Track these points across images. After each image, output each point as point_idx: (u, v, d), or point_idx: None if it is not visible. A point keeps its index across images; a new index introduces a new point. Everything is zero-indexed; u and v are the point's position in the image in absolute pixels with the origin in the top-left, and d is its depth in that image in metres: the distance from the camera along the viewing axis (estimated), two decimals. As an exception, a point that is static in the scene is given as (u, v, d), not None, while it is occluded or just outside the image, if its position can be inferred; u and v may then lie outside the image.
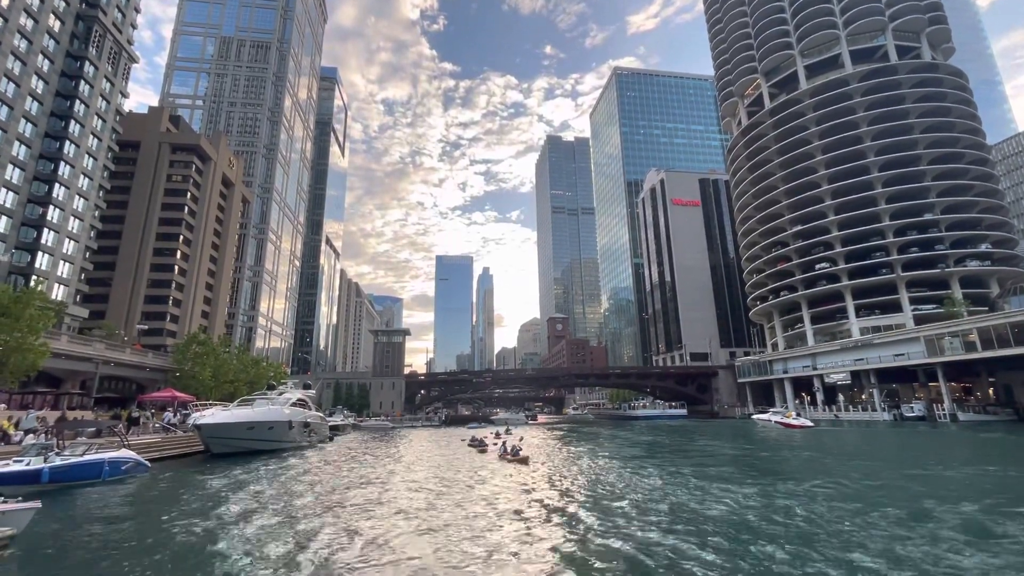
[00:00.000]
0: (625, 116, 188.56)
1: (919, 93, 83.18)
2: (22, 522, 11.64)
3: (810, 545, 10.22)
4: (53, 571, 9.46)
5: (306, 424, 40.91)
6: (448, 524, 12.86)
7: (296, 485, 20.22)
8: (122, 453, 22.56)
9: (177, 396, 44.28)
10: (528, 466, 25.61)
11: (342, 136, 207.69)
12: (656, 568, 9.01)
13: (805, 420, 54.42)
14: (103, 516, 14.79)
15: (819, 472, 21.42)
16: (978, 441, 35.90)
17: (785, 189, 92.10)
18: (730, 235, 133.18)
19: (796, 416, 55.31)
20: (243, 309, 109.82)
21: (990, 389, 63.77)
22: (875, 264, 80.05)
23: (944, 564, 8.91)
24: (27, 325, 34.34)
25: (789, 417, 54.98)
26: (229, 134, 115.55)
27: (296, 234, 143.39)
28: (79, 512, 15.35)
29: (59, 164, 60.48)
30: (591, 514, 13.71)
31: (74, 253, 63.46)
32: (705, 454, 30.87)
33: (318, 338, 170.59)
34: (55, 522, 13.43)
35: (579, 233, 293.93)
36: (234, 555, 10.15)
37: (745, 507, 14.07)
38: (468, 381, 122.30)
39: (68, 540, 11.84)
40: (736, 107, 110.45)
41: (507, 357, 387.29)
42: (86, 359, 48.13)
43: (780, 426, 53.48)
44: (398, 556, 10.03)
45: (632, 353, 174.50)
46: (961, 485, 17.87)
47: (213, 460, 29.45)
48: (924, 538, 10.54)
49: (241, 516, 14.05)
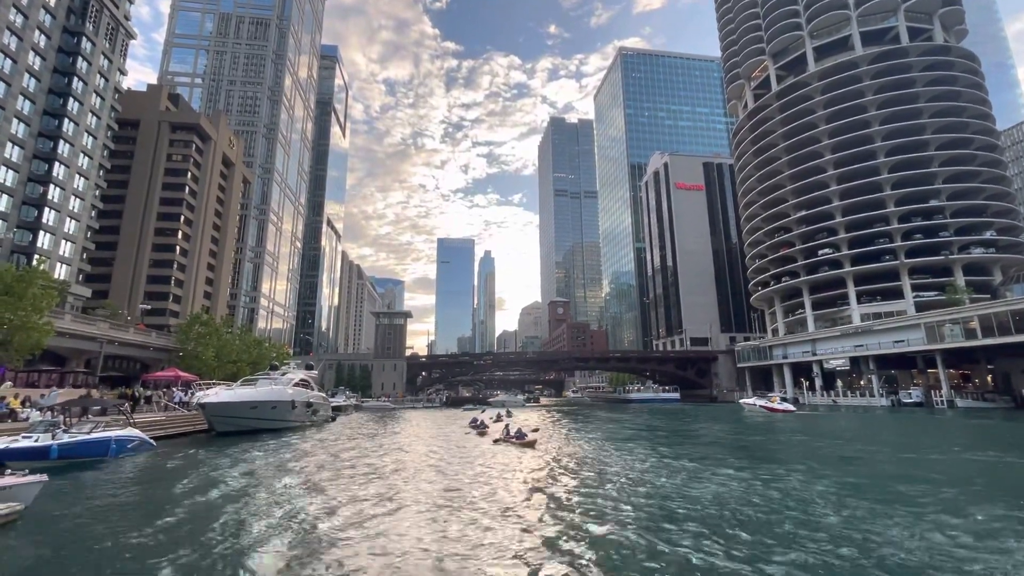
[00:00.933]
0: (630, 98, 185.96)
1: (930, 76, 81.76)
2: (30, 496, 11.88)
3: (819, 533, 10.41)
4: (62, 543, 9.69)
5: (309, 404, 41.37)
6: (447, 505, 13.08)
7: (299, 463, 20.55)
8: (128, 431, 22.91)
9: (181, 376, 44.74)
10: (535, 450, 24.72)
11: (343, 116, 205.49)
12: (674, 561, 9.19)
13: (788, 405, 56.12)
14: (110, 491, 15.08)
15: (807, 455, 21.80)
16: (969, 427, 36.27)
17: (790, 174, 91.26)
18: (733, 220, 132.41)
19: (780, 401, 57.03)
20: (245, 290, 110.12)
21: (988, 377, 64.04)
22: (878, 250, 79.70)
23: (910, 547, 9.07)
24: (31, 304, 34.50)
25: (774, 402, 56.66)
26: (229, 113, 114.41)
27: (297, 215, 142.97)
28: (86, 487, 15.65)
29: (58, 142, 60.07)
30: (596, 498, 13.92)
31: (76, 232, 63.43)
32: (697, 437, 31.28)
33: (320, 320, 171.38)
34: (63, 496, 13.71)
35: (581, 217, 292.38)
36: (239, 529, 10.37)
37: (731, 490, 14.29)
38: (469, 364, 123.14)
39: (76, 514, 12.09)
40: (743, 90, 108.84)
41: (508, 340, 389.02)
42: (90, 338, 48.49)
43: (765, 410, 54.88)
44: (400, 535, 10.24)
45: (632, 337, 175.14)
46: (943, 468, 18.11)
47: (217, 438, 29.89)
48: (894, 521, 10.72)
49: (244, 492, 14.31)
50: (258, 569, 8.04)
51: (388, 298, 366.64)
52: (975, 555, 8.53)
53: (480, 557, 8.66)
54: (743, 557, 8.50)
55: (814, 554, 8.56)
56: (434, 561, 8.45)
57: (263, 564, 8.28)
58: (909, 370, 70.35)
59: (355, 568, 8.16)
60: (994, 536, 9.57)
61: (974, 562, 8.20)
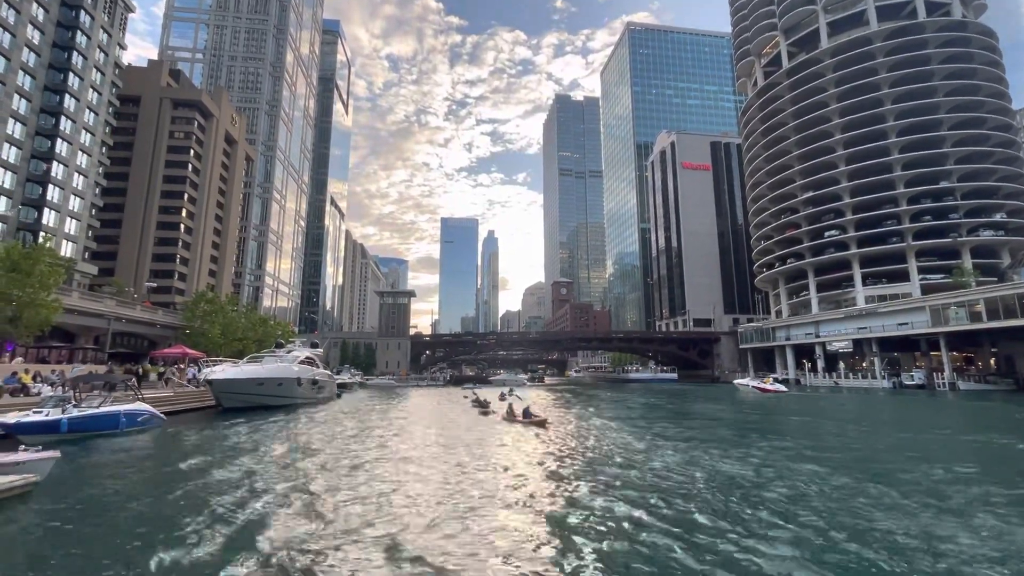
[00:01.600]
0: (637, 75, 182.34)
1: (945, 54, 79.67)
2: (44, 470, 12.19)
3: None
4: (75, 516, 9.98)
5: (314, 381, 41.92)
6: (450, 482, 13.34)
7: (306, 438, 20.94)
8: (137, 406, 23.32)
9: (188, 353, 45.28)
10: (546, 429, 23.82)
11: (345, 93, 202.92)
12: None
13: (779, 386, 57.36)
14: (122, 465, 15.45)
15: (796, 432, 22.04)
16: (967, 408, 36.46)
17: (798, 154, 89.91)
18: (739, 201, 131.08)
19: (772, 382, 58.46)
20: (250, 268, 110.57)
21: (992, 359, 64.04)
22: (886, 232, 78.93)
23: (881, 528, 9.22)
24: (38, 281, 34.81)
25: (766, 382, 58.12)
26: (230, 90, 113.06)
27: (300, 194, 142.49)
28: (98, 461, 16.03)
29: (60, 119, 59.77)
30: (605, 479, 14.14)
31: (80, 210, 63.54)
32: (692, 415, 31.63)
33: (324, 298, 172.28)
34: (76, 470, 14.05)
35: (586, 197, 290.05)
36: (249, 501, 10.64)
37: (725, 469, 14.50)
38: (472, 343, 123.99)
39: (89, 487, 12.42)
40: (752, 67, 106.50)
41: (511, 320, 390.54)
42: (98, 315, 49.00)
43: (757, 391, 56.28)
44: (407, 509, 10.48)
45: (635, 318, 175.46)
46: (930, 448, 18.28)
47: (225, 414, 30.41)
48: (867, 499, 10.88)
49: (253, 466, 14.63)
50: (265, 540, 8.27)
51: (392, 277, 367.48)
52: (943, 536, 8.67)
53: (489, 536, 8.87)
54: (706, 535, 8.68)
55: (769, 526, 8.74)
56: (442, 536, 8.67)
57: (271, 535, 8.51)
58: (912, 352, 70.41)
59: (360, 540, 8.39)
60: (966, 517, 9.70)
61: (940, 540, 8.33)
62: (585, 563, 7.38)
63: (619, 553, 7.82)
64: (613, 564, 7.37)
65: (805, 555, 7.62)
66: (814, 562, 7.32)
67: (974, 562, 7.33)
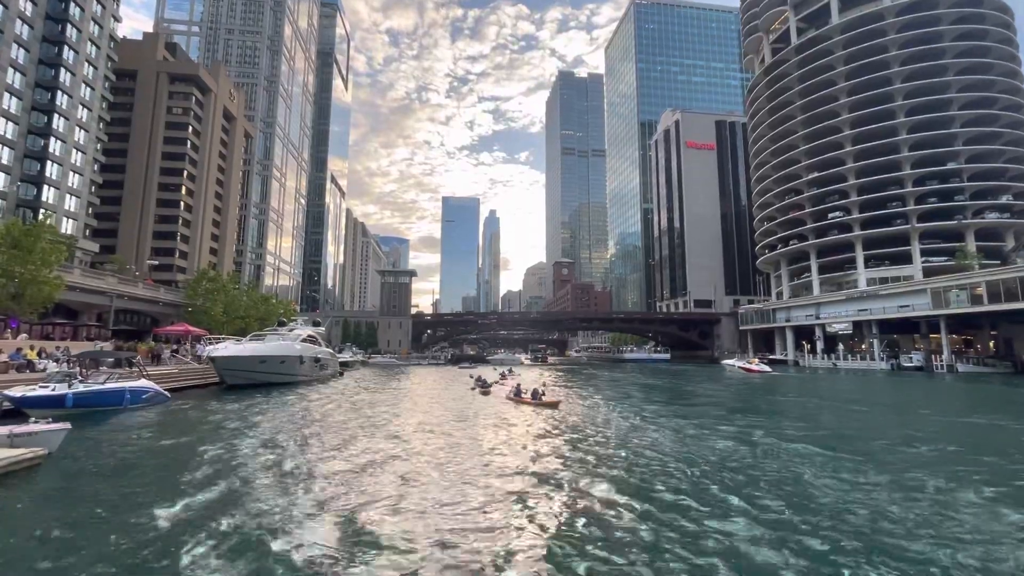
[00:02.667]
0: (642, 51, 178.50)
1: (958, 31, 77.80)
2: (55, 442, 12.41)
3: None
4: (85, 487, 10.20)
5: (317, 359, 42.28)
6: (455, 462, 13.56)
7: (308, 415, 21.24)
8: (142, 383, 23.58)
9: (191, 330, 45.54)
10: (558, 410, 22.95)
11: (345, 69, 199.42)
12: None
13: (764, 367, 59.57)
14: (130, 439, 15.72)
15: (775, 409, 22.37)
16: (963, 390, 36.76)
17: (804, 134, 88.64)
18: (743, 181, 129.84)
19: (758, 363, 60.66)
20: (251, 247, 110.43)
21: (991, 342, 64.28)
22: (890, 214, 78.31)
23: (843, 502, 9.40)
24: (40, 258, 34.85)
25: (752, 363, 60.35)
26: (228, 64, 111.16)
27: (300, 171, 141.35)
28: (106, 435, 16.31)
29: (56, 93, 58.93)
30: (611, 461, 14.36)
31: (79, 187, 63.17)
32: (682, 394, 31.98)
33: (325, 277, 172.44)
34: (84, 443, 14.29)
35: (588, 176, 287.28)
36: (253, 475, 10.85)
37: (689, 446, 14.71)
38: (474, 322, 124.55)
39: (98, 459, 12.65)
40: (760, 43, 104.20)
41: (512, 300, 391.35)
42: (100, 292, 49.17)
43: (742, 371, 58.18)
44: (413, 489, 10.68)
45: (636, 299, 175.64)
46: (911, 429, 18.50)
47: (229, 391, 30.77)
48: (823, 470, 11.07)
49: (257, 441, 14.88)
50: (268, 513, 8.46)
51: (393, 256, 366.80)
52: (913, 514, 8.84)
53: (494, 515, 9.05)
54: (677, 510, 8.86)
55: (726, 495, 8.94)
56: (442, 513, 8.85)
57: (273, 509, 8.70)
58: (911, 335, 70.60)
59: (359, 514, 8.58)
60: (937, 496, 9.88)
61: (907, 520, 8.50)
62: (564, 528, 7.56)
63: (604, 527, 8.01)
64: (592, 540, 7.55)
65: (748, 523, 7.80)
66: (758, 528, 7.49)
67: (918, 528, 7.50)
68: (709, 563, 6.64)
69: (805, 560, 6.70)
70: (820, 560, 6.73)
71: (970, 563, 6.66)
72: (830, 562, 6.69)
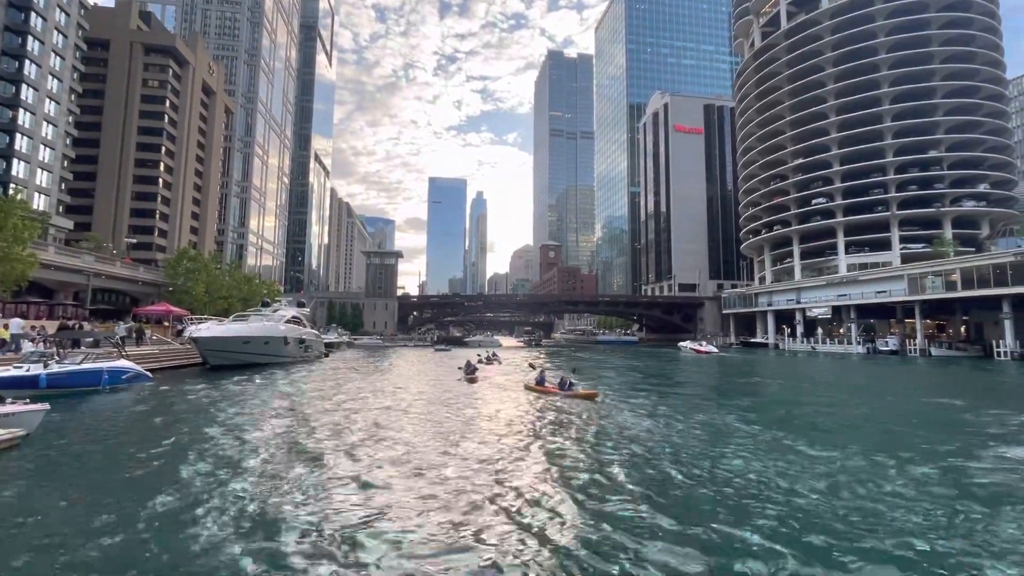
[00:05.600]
0: (632, 32, 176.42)
1: (945, 18, 78.26)
2: (33, 423, 12.21)
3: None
4: (66, 468, 10.10)
5: (301, 340, 41.97)
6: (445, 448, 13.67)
7: (293, 396, 21.17)
8: (121, 363, 23.18)
9: (172, 310, 44.85)
10: (595, 403, 19.14)
11: (329, 44, 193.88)
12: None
13: (711, 348, 64.64)
14: (109, 419, 15.54)
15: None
16: (933, 373, 37.95)
17: (791, 119, 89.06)
18: (730, 166, 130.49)
19: (706, 345, 66.15)
20: (232, 226, 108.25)
21: (962, 327, 66.27)
22: (872, 201, 79.56)
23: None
24: (12, 235, 33.81)
25: (702, 345, 65.67)
26: (206, 36, 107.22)
27: (283, 149, 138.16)
28: (86, 416, 16.10)
29: (24, 63, 56.49)
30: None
31: (51, 161, 61.07)
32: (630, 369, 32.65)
33: (310, 257, 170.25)
34: (64, 425, 14.10)
35: (577, 158, 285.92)
36: (241, 457, 10.84)
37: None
38: (460, 304, 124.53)
39: (78, 440, 12.51)
40: (750, 27, 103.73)
41: (499, 283, 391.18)
42: (76, 271, 47.95)
43: (694, 352, 62.80)
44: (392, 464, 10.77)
45: (622, 282, 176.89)
46: (868, 408, 19.18)
47: (212, 372, 30.48)
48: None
49: (242, 423, 14.82)
50: (248, 494, 8.48)
51: (379, 238, 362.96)
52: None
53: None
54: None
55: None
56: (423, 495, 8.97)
57: (253, 490, 8.73)
58: (888, 320, 72.42)
59: (337, 493, 8.66)
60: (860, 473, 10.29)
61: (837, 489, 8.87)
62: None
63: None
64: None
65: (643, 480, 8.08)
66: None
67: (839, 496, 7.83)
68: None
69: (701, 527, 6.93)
70: (711, 518, 6.96)
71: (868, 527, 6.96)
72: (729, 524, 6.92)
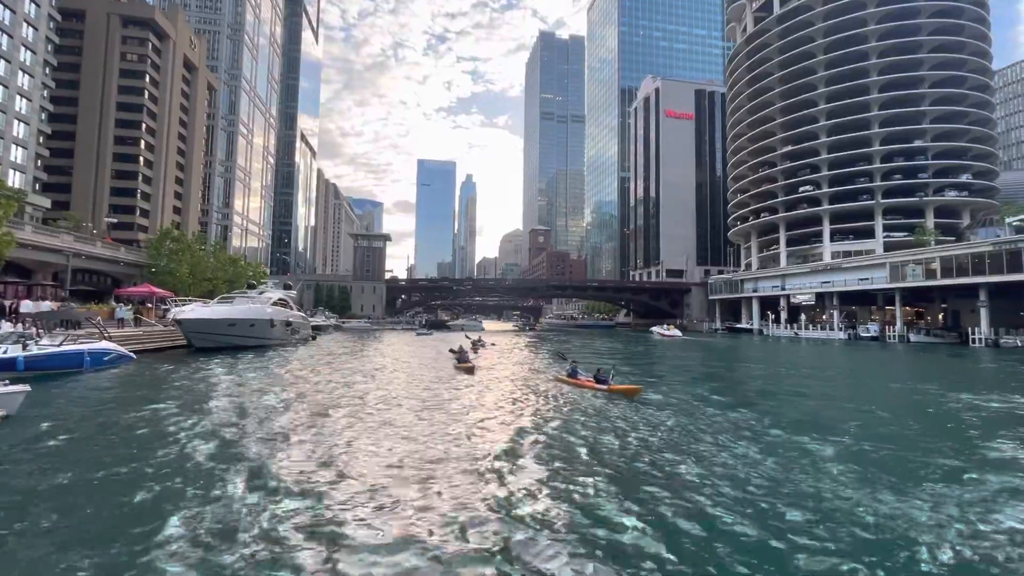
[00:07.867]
0: (625, 14, 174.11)
1: (935, 7, 78.45)
2: (13, 405, 12.06)
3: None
4: (46, 450, 10.03)
5: (288, 323, 41.66)
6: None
7: (279, 380, 21.11)
8: (103, 344, 22.89)
9: (155, 292, 44.13)
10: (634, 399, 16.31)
11: (315, 20, 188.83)
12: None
13: (676, 332, 68.36)
14: (92, 401, 15.40)
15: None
16: (906, 359, 38.97)
17: (781, 106, 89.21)
18: (719, 152, 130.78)
19: (672, 329, 70.04)
20: (217, 206, 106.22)
21: (940, 315, 67.97)
22: (857, 190, 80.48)
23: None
24: (-14, 213, 32.85)
25: (669, 329, 69.34)
26: (187, 9, 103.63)
27: (268, 128, 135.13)
28: (68, 398, 15.93)
29: (-5, 33, 54.25)
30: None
31: (26, 137, 59.18)
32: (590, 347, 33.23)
33: (296, 239, 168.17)
34: (46, 407, 13.94)
35: (567, 142, 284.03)
36: (227, 439, 10.85)
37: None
38: (449, 288, 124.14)
39: (60, 422, 12.39)
40: (743, 11, 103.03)
41: (488, 267, 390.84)
42: (55, 251, 46.85)
43: (660, 335, 66.43)
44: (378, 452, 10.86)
45: (611, 267, 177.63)
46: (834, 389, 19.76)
47: (197, 354, 30.20)
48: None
49: (228, 405, 14.78)
50: (232, 476, 8.52)
51: (366, 220, 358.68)
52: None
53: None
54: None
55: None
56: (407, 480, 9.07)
57: (239, 472, 8.77)
58: (869, 307, 74.03)
59: (322, 475, 8.73)
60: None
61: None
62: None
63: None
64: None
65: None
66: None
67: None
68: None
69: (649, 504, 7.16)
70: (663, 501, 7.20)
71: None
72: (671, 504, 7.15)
